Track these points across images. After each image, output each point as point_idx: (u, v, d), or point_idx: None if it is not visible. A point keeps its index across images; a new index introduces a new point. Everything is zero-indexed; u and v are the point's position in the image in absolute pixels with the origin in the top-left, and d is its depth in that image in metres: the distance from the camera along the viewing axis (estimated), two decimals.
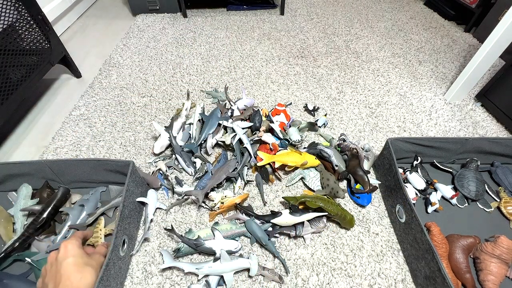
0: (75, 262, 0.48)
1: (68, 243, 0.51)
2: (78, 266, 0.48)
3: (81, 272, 0.47)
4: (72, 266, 0.47)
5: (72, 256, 0.49)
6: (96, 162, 0.68)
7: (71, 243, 0.51)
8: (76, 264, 0.48)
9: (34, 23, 0.96)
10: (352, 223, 0.68)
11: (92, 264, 0.50)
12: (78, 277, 0.46)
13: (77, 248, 0.51)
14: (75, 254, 0.49)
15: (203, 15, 1.63)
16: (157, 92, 1.10)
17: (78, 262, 0.48)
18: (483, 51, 0.90)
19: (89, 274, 0.48)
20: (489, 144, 0.75)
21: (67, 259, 0.48)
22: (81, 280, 0.46)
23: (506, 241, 0.59)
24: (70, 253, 0.49)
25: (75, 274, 0.46)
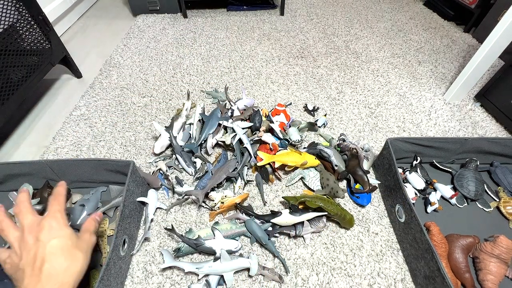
0: (63, 244, 0.38)
1: (53, 219, 0.40)
2: (67, 249, 0.39)
3: (69, 258, 0.38)
4: (58, 251, 0.38)
5: (58, 237, 0.39)
6: (97, 162, 0.69)
7: (56, 219, 0.40)
8: (63, 248, 0.38)
9: (34, 24, 0.96)
10: (351, 222, 0.68)
11: (81, 247, 0.41)
12: (65, 264, 0.37)
13: (64, 226, 0.40)
14: (61, 235, 0.39)
15: (203, 15, 1.63)
16: (157, 92, 1.10)
17: (66, 245, 0.39)
18: (482, 51, 0.90)
19: (79, 260, 0.39)
20: (488, 144, 0.76)
21: (51, 241, 0.38)
22: (69, 268, 0.38)
23: (505, 241, 0.59)
24: (56, 232, 0.39)
25: (63, 260, 0.37)
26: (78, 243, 0.41)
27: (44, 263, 0.36)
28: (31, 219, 0.40)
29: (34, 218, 0.40)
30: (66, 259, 0.38)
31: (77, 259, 0.39)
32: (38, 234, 0.38)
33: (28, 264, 0.37)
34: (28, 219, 0.39)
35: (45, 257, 0.37)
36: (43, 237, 0.38)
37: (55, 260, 0.37)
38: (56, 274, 0.36)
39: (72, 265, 0.38)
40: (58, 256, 0.37)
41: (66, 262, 0.38)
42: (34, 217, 0.40)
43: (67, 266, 0.38)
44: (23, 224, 0.39)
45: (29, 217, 0.40)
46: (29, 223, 0.39)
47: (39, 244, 0.37)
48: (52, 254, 0.37)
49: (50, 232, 0.39)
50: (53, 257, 0.37)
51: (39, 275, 0.35)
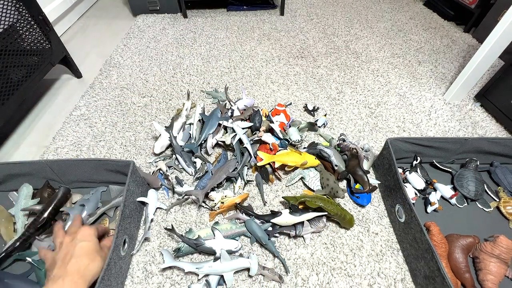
0: (89, 247, 0.50)
1: (88, 228, 0.53)
2: (91, 252, 0.49)
3: (92, 259, 0.49)
4: (86, 250, 0.49)
5: (88, 241, 0.51)
6: (97, 162, 0.69)
7: (91, 229, 0.53)
8: (90, 249, 0.50)
9: (34, 24, 0.96)
10: (351, 222, 0.68)
11: (101, 255, 0.51)
12: (87, 262, 0.48)
13: (93, 235, 0.53)
14: (91, 240, 0.51)
15: (203, 15, 1.63)
16: (157, 92, 1.10)
17: (92, 248, 0.50)
18: (482, 51, 0.90)
19: (97, 262, 0.49)
20: (488, 144, 0.76)
21: (83, 242, 0.50)
22: (89, 266, 0.48)
23: (505, 241, 0.59)
24: (87, 237, 0.51)
25: (86, 259, 0.48)
26: (100, 251, 0.52)
27: (72, 258, 0.47)
28: (75, 229, 0.53)
29: (77, 229, 0.53)
30: (89, 259, 0.48)
31: (97, 261, 0.49)
32: (75, 236, 0.51)
33: (60, 258, 0.48)
34: (74, 228, 0.54)
35: (73, 254, 0.48)
36: (77, 239, 0.50)
37: (80, 258, 0.47)
38: (79, 269, 0.46)
39: (92, 265, 0.48)
40: (83, 255, 0.48)
41: (88, 262, 0.48)
42: (77, 228, 0.53)
43: (88, 264, 0.48)
44: (68, 231, 0.54)
45: (75, 228, 0.54)
46: (73, 230, 0.53)
47: (72, 244, 0.49)
48: (79, 253, 0.48)
49: (83, 235, 0.51)
50: (79, 255, 0.48)
51: (65, 266, 0.46)
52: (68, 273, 0.45)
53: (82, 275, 0.46)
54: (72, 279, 0.45)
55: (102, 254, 0.52)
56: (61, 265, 0.46)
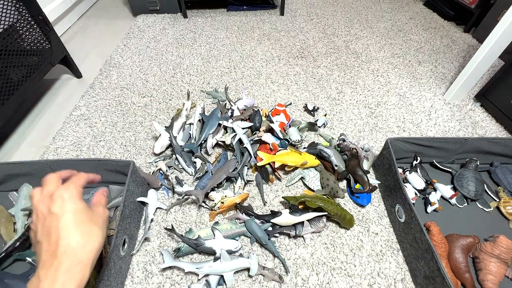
0: (77, 220, 0.35)
1: (66, 190, 0.37)
2: (82, 225, 0.35)
3: (87, 234, 0.35)
4: (74, 225, 0.35)
5: (71, 211, 0.35)
6: (97, 162, 0.69)
7: (69, 190, 0.37)
8: (78, 222, 0.35)
9: (34, 24, 0.96)
10: (351, 222, 0.68)
11: (97, 222, 0.38)
12: (82, 241, 0.34)
13: (77, 199, 0.37)
14: (74, 209, 0.36)
15: (203, 15, 1.63)
16: (157, 92, 1.10)
17: (81, 219, 0.36)
18: (482, 51, 0.90)
19: (96, 236, 0.36)
20: (488, 144, 0.76)
21: (65, 215, 0.35)
22: (86, 245, 0.35)
23: (505, 241, 0.59)
24: (68, 206, 0.35)
25: (78, 238, 0.34)
26: (93, 217, 0.37)
27: (59, 239, 0.34)
28: (50, 189, 0.37)
29: (53, 188, 0.37)
30: (83, 236, 0.35)
31: (94, 235, 0.36)
32: (50, 205, 0.35)
33: (44, 237, 0.35)
34: (49, 188, 0.37)
35: (59, 233, 0.34)
36: (55, 209, 0.35)
37: (71, 237, 0.34)
38: (73, 252, 0.34)
39: (90, 242, 0.35)
40: (74, 232, 0.34)
41: (83, 239, 0.35)
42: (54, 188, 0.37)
43: (84, 243, 0.35)
44: (42, 190, 0.38)
45: (51, 187, 0.37)
46: (47, 191, 0.37)
47: (52, 217, 0.35)
48: (67, 230, 0.34)
49: (62, 204, 0.35)
50: (68, 233, 0.34)
51: (55, 251, 0.33)
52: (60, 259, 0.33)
53: (79, 260, 0.34)
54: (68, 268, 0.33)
55: (98, 219, 0.38)
56: (48, 248, 0.34)
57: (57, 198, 0.36)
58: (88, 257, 0.35)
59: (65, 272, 0.32)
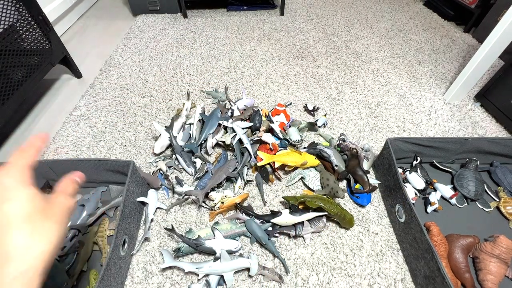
0: (21, 212, 0.25)
1: (5, 176, 0.26)
2: (27, 218, 0.25)
3: (33, 231, 0.25)
4: (15, 219, 0.25)
5: (14, 200, 0.25)
6: (97, 162, 0.69)
7: (12, 175, 0.26)
8: (24, 215, 0.25)
9: (34, 24, 0.96)
10: (351, 222, 0.68)
11: (52, 215, 0.27)
12: (24, 242, 0.24)
13: (23, 185, 0.26)
14: (20, 197, 0.26)
15: (203, 15, 1.63)
16: (157, 92, 1.10)
17: (28, 211, 0.25)
18: (482, 51, 0.90)
19: (47, 236, 0.25)
20: (488, 144, 0.76)
21: (4, 205, 0.25)
22: (34, 247, 0.24)
23: (505, 241, 0.59)
24: (10, 193, 0.25)
25: (20, 237, 0.24)
26: (47, 209, 0.27)
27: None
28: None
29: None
30: (26, 234, 0.24)
31: (45, 233, 0.25)
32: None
33: None
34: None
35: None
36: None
37: (7, 236, 0.24)
38: (9, 258, 0.23)
39: (39, 241, 0.25)
40: (13, 229, 0.24)
41: (26, 238, 0.24)
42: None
43: (30, 244, 0.24)
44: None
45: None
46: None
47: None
48: (7, 227, 0.24)
49: (2, 194, 0.25)
50: (7, 232, 0.24)
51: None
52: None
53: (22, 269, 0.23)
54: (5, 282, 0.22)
55: (54, 211, 0.27)
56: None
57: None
58: (35, 264, 0.24)
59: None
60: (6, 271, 0.23)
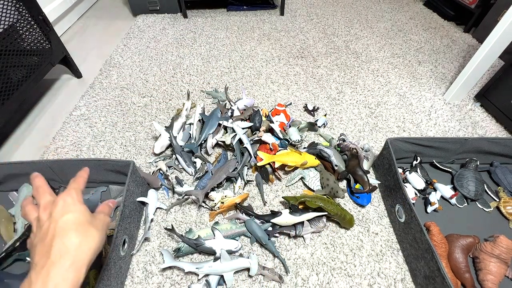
0: (75, 220, 0.35)
1: (67, 195, 0.38)
2: (80, 225, 0.35)
3: (83, 234, 0.35)
4: (72, 225, 0.35)
5: (72, 212, 0.36)
6: (97, 162, 0.69)
7: (71, 196, 0.38)
8: (77, 223, 0.35)
9: (34, 24, 0.96)
10: (351, 222, 0.68)
11: (96, 225, 0.37)
12: (77, 240, 0.34)
13: (78, 203, 0.38)
14: (74, 210, 0.36)
15: (203, 15, 1.63)
16: (157, 92, 1.10)
17: (80, 220, 0.36)
18: (482, 52, 0.90)
19: (93, 237, 0.36)
20: (488, 144, 0.76)
21: (65, 216, 0.35)
22: (82, 245, 0.34)
23: (505, 241, 0.59)
24: (70, 208, 0.36)
25: (73, 237, 0.34)
26: (93, 220, 0.38)
27: (54, 238, 0.33)
28: (48, 199, 0.38)
29: (51, 198, 0.38)
30: (78, 235, 0.34)
31: (91, 235, 0.36)
32: (52, 210, 0.36)
33: (39, 240, 0.34)
34: (46, 199, 0.38)
35: (55, 232, 0.34)
36: (56, 213, 0.35)
37: (66, 236, 0.34)
38: (67, 251, 0.33)
39: (85, 241, 0.35)
40: (70, 231, 0.34)
41: (78, 238, 0.34)
42: (51, 196, 0.39)
43: (79, 242, 0.34)
44: (40, 204, 0.38)
45: (46, 196, 0.38)
46: (45, 202, 0.38)
47: (51, 220, 0.35)
48: (63, 230, 0.34)
49: (64, 208, 0.36)
50: (64, 233, 0.34)
51: (48, 251, 0.32)
52: (54, 258, 0.32)
53: (73, 260, 0.33)
54: (61, 269, 0.31)
55: (97, 223, 0.38)
56: (41, 249, 0.33)
57: (59, 203, 0.36)
58: (84, 257, 0.34)
59: (58, 273, 0.31)
60: (60, 261, 0.32)
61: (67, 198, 0.37)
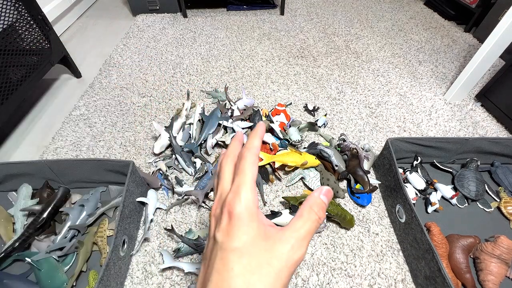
0: (246, 262, 0.20)
1: (242, 207, 0.22)
2: (254, 268, 0.20)
3: (253, 275, 0.19)
4: (244, 271, 0.19)
5: (243, 245, 0.20)
6: (96, 162, 0.68)
7: (245, 206, 0.23)
8: (251, 265, 0.20)
9: (34, 23, 0.96)
10: (352, 223, 0.68)
11: (279, 256, 0.20)
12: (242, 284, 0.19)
13: (256, 224, 0.22)
14: (247, 235, 0.21)
15: (203, 15, 1.63)
16: (157, 92, 1.10)
17: (252, 252, 0.20)
18: (483, 51, 0.90)
19: (266, 278, 0.20)
20: (489, 144, 0.76)
21: (231, 247, 0.20)
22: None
23: (506, 241, 0.59)
24: (240, 231, 0.21)
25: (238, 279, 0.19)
26: (271, 252, 0.21)
27: (211, 276, 0.20)
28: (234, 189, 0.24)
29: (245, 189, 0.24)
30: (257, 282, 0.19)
31: (265, 276, 0.20)
32: (221, 225, 0.22)
33: (204, 270, 0.22)
34: (243, 187, 0.24)
35: (216, 265, 0.20)
36: (221, 239, 0.21)
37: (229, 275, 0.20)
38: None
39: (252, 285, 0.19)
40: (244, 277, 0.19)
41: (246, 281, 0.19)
42: (251, 185, 0.24)
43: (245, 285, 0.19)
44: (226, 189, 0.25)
45: (247, 179, 0.24)
46: (232, 195, 0.23)
47: (216, 246, 0.21)
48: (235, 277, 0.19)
49: (234, 234, 0.21)
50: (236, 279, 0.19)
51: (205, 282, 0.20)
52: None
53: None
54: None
55: (279, 254, 0.21)
56: (203, 269, 0.22)
57: (234, 220, 0.22)
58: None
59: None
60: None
61: (243, 213, 0.22)
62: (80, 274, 0.59)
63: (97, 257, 0.63)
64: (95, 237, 0.64)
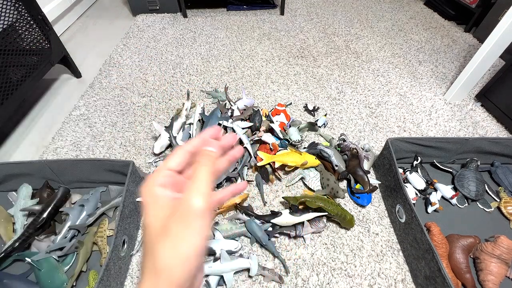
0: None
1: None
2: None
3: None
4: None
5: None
6: (96, 162, 0.68)
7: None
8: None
9: (34, 23, 0.96)
10: (352, 223, 0.68)
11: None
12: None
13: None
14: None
15: (203, 15, 1.63)
16: (157, 92, 1.10)
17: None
18: (483, 51, 0.90)
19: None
20: (489, 144, 0.76)
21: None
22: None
23: (506, 241, 0.59)
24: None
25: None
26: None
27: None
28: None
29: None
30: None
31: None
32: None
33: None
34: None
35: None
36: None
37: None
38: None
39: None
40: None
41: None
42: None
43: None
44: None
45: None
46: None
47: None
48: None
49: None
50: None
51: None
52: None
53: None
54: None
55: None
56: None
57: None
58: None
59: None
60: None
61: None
62: (80, 274, 0.59)
63: (97, 257, 0.63)
64: (95, 237, 0.64)
